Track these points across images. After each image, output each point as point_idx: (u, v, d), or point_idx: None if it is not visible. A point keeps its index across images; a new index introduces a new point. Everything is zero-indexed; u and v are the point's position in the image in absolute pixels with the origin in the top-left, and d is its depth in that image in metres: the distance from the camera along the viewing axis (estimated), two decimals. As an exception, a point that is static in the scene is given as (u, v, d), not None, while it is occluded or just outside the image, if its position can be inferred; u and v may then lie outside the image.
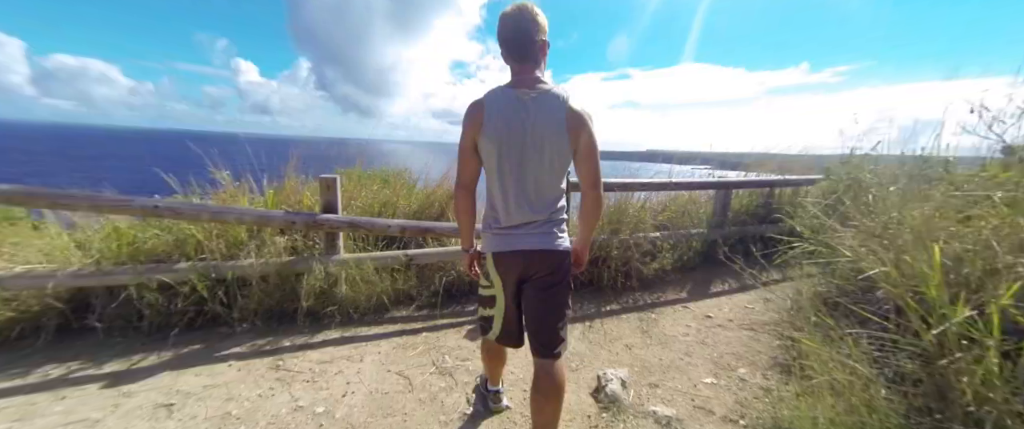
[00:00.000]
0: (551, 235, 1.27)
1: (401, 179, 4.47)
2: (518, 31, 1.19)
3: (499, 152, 1.21)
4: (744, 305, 3.02)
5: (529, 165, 1.21)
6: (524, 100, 1.18)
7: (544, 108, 1.18)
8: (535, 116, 1.18)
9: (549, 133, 1.18)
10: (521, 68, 1.22)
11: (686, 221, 3.83)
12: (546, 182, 1.24)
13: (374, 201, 3.48)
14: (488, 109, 1.21)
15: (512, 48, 1.21)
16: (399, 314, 2.71)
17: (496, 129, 1.19)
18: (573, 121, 1.18)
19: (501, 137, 1.20)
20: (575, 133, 1.19)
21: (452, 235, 2.84)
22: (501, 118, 1.19)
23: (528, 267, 1.27)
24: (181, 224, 2.33)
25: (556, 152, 1.20)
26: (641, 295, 3.19)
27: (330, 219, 2.49)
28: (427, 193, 3.65)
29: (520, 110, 1.18)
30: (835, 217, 2.59)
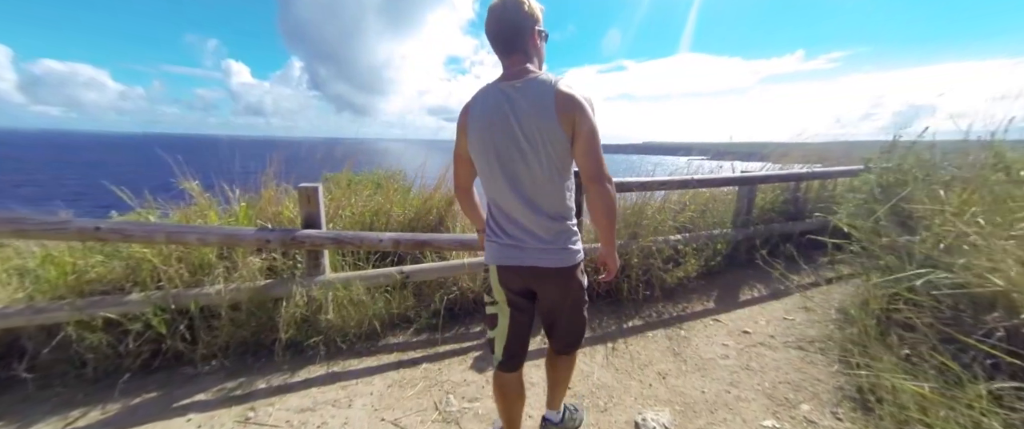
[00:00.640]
0: (564, 251, 1.15)
1: (394, 183, 4.12)
2: (502, 22, 1.09)
3: (487, 153, 1.12)
4: (782, 316, 2.69)
5: (522, 163, 1.10)
6: (507, 92, 1.09)
7: (529, 95, 1.07)
8: (520, 105, 1.07)
9: (538, 123, 1.06)
10: (510, 60, 1.12)
11: (708, 220, 3.49)
12: (545, 181, 1.11)
13: (365, 209, 3.14)
14: (472, 110, 1.14)
15: (498, 40, 1.11)
16: (395, 340, 2.37)
17: (480, 129, 1.11)
18: (564, 104, 1.05)
19: (486, 136, 1.11)
20: (567, 118, 1.05)
21: (452, 248, 2.50)
22: (484, 116, 1.11)
23: (538, 284, 1.19)
24: (132, 248, 1.98)
25: (550, 144, 1.07)
26: (665, 306, 2.86)
27: (311, 235, 2.14)
28: (423, 198, 3.30)
29: (503, 103, 1.09)
30: (891, 215, 2.26)
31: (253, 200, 2.70)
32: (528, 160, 1.09)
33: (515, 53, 1.11)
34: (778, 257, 3.60)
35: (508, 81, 1.10)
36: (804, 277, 3.40)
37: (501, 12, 1.09)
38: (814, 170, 3.78)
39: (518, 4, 1.08)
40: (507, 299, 1.21)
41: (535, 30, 1.12)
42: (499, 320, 1.26)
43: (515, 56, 1.12)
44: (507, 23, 1.09)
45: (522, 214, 1.13)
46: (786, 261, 3.57)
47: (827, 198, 4.00)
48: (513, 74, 1.11)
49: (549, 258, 1.13)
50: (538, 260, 1.13)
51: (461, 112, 1.19)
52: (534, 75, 1.10)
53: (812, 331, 2.42)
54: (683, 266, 3.02)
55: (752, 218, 3.63)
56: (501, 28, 1.10)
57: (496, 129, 1.09)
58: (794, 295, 3.03)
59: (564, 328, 1.28)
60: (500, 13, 1.09)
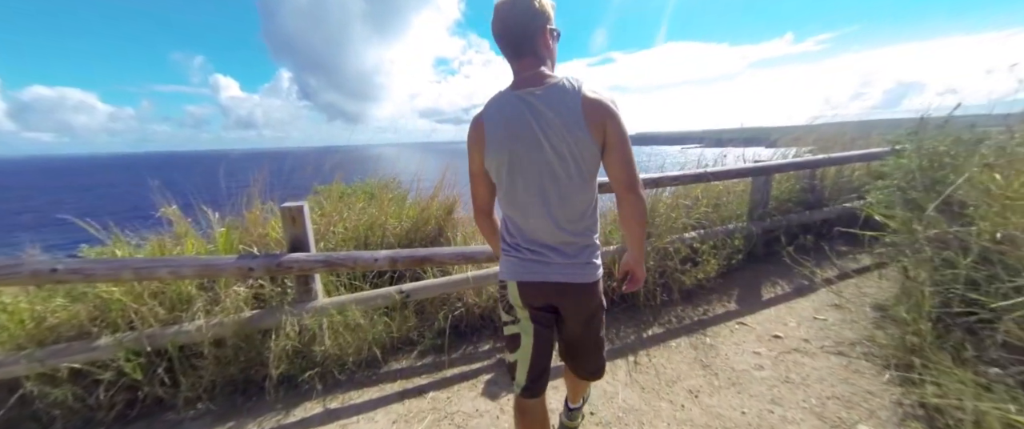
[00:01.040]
0: (588, 265, 1.09)
1: (389, 192, 3.92)
2: (509, 21, 1.00)
3: (509, 167, 1.03)
4: (812, 316, 2.50)
5: (549, 176, 1.02)
6: (528, 100, 1.00)
7: (554, 104, 0.99)
8: (545, 115, 0.99)
9: (566, 133, 0.98)
10: (520, 64, 1.03)
11: (723, 215, 3.30)
12: (573, 192, 1.04)
13: (359, 223, 2.94)
14: (488, 122, 1.04)
15: (506, 42, 1.02)
16: (397, 366, 2.18)
17: (500, 142, 1.02)
18: (592, 111, 0.98)
19: (508, 149, 1.02)
20: (598, 125, 0.99)
21: (454, 262, 2.30)
22: (504, 128, 1.02)
23: (560, 300, 1.11)
24: (99, 288, 1.78)
25: (579, 154, 1.00)
26: (684, 310, 2.67)
27: (299, 260, 1.94)
28: (420, 207, 3.10)
29: (525, 112, 1.00)
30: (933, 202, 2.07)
31: (236, 222, 2.49)
32: (556, 173, 1.01)
33: (526, 56, 1.02)
34: (798, 250, 3.42)
35: (525, 88, 1.01)
36: (827, 270, 3.21)
37: (508, 12, 1.00)
38: (832, 156, 3.58)
39: (527, 3, 0.98)
40: (531, 315, 1.13)
41: (546, 29, 1.02)
42: (522, 339, 1.15)
43: (526, 59, 1.03)
44: (515, 24, 1.00)
45: (547, 229, 1.06)
46: (806, 253, 3.41)
47: (845, 185, 3.81)
48: (529, 80, 1.02)
49: (574, 273, 1.08)
50: (563, 276, 1.07)
51: (472, 126, 1.09)
52: (555, 80, 1.01)
53: (849, 333, 2.23)
54: (702, 266, 2.84)
55: (769, 210, 3.44)
56: (508, 29, 1.01)
57: (520, 142, 1.01)
58: (820, 291, 2.84)
59: (590, 350, 1.23)
60: (507, 13, 1.00)
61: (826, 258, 3.37)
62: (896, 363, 1.80)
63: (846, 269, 3.20)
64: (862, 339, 2.13)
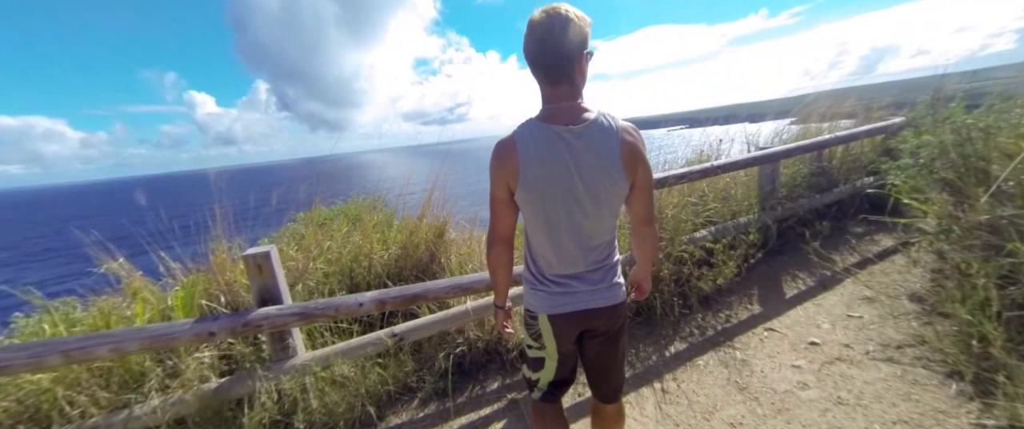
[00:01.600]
0: (614, 287, 1.11)
1: (374, 213, 3.64)
2: (545, 45, 0.93)
3: (544, 202, 1.02)
4: (844, 313, 2.30)
5: (580, 214, 1.02)
6: (567, 139, 0.96)
7: (594, 146, 0.97)
8: (585, 158, 0.97)
9: (605, 177, 0.98)
10: (555, 92, 0.99)
11: (733, 208, 3.09)
12: (600, 227, 1.05)
13: (342, 254, 2.66)
14: (523, 152, 0.99)
15: (541, 67, 0.97)
16: (397, 421, 1.91)
17: (537, 178, 0.98)
18: (629, 156, 0.98)
19: (542, 188, 0.99)
20: (631, 169, 1.00)
21: (451, 295, 2.04)
22: (542, 164, 0.98)
23: (590, 324, 1.12)
24: (21, 379, 1.48)
25: (613, 195, 1.02)
26: (705, 319, 2.45)
27: (270, 316, 1.66)
28: (408, 230, 2.82)
29: (564, 151, 0.97)
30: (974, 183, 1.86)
31: (200, 270, 2.20)
32: (586, 211, 1.01)
33: (561, 84, 0.97)
34: (814, 237, 3.24)
35: (564, 124, 0.96)
36: (846, 256, 3.03)
37: (545, 35, 0.92)
38: (838, 135, 3.40)
39: (566, 24, 0.91)
40: (558, 348, 1.15)
41: (583, 55, 0.96)
42: (546, 363, 1.18)
43: (561, 87, 0.98)
44: (553, 48, 0.93)
45: (573, 262, 1.07)
46: (823, 240, 3.22)
47: (853, 163, 3.64)
48: (564, 113, 0.98)
49: (601, 298, 1.09)
50: (591, 302, 1.08)
51: (501, 152, 1.01)
52: (592, 117, 0.97)
53: (893, 332, 2.03)
54: (719, 269, 2.62)
55: (779, 198, 3.24)
56: (546, 54, 0.94)
57: (555, 182, 0.98)
58: (846, 282, 2.65)
59: (614, 366, 1.21)
60: (544, 36, 0.92)
61: (844, 243, 3.20)
62: (960, 372, 1.59)
63: (867, 254, 3.02)
64: (910, 340, 1.93)
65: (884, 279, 2.58)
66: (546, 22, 0.91)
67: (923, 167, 2.25)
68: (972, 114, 2.23)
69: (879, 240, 3.20)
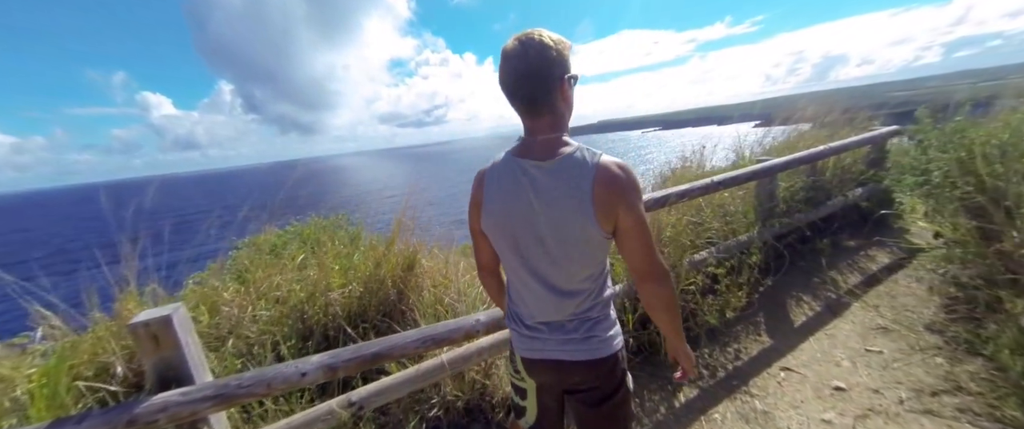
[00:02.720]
0: (592, 340, 0.95)
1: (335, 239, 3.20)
2: (520, 74, 0.84)
3: (504, 241, 0.94)
4: (862, 348, 2.10)
5: (548, 259, 0.91)
6: (532, 174, 0.88)
7: (561, 184, 0.85)
8: (548, 197, 0.86)
9: (572, 220, 0.85)
10: (535, 124, 0.89)
11: (731, 225, 2.88)
12: (576, 273, 0.91)
13: (291, 292, 2.24)
14: (489, 184, 0.94)
15: (518, 98, 0.88)
16: (356, 515, 1.52)
17: (497, 213, 0.92)
18: (605, 197, 0.83)
19: (502, 224, 0.92)
20: (607, 212, 0.84)
21: (422, 349, 1.67)
22: (503, 199, 0.91)
23: (566, 379, 1.00)
24: None
25: (584, 241, 0.87)
26: (714, 355, 2.20)
27: (170, 406, 1.23)
28: (375, 259, 2.42)
29: (526, 189, 0.88)
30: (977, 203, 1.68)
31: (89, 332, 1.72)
32: (553, 257, 0.90)
33: (542, 115, 0.88)
34: (813, 253, 3.07)
35: (533, 158, 0.88)
36: (846, 275, 2.88)
37: (519, 62, 0.84)
38: (832, 145, 3.26)
39: (541, 49, 0.82)
40: (537, 393, 1.10)
41: (564, 80, 0.86)
42: (528, 394, 1.12)
43: (543, 119, 0.88)
44: (528, 76, 0.84)
45: (544, 309, 0.95)
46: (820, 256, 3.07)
47: (843, 174, 3.52)
48: (540, 148, 0.89)
49: (572, 350, 0.96)
50: (561, 352, 0.97)
51: (475, 182, 0.98)
52: (568, 151, 0.87)
53: (923, 374, 1.82)
54: (725, 297, 2.37)
55: (777, 213, 3.06)
56: (520, 83, 0.85)
57: (516, 218, 0.90)
58: (853, 307, 2.47)
59: None
60: (518, 64, 0.84)
61: (842, 260, 3.05)
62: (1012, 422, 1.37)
63: (867, 271, 2.88)
64: (944, 384, 1.72)
65: (893, 304, 2.41)
66: (519, 50, 0.83)
67: (937, 187, 2.07)
68: (983, 129, 2.08)
69: (875, 256, 3.08)
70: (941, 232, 2.01)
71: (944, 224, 1.96)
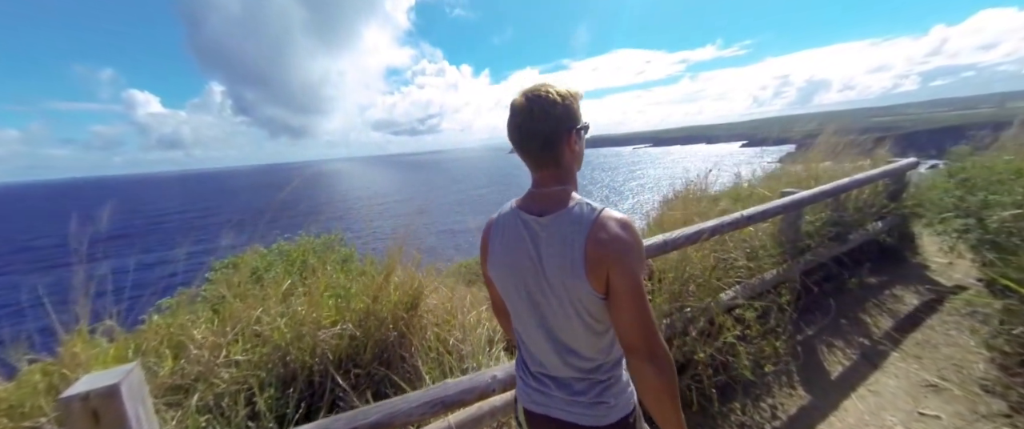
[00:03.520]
0: (600, 406, 0.89)
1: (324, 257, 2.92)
2: (525, 130, 0.85)
3: (509, 293, 0.93)
4: (914, 409, 1.90)
5: (552, 315, 0.88)
6: (533, 228, 0.87)
7: (556, 241, 0.83)
8: (546, 251, 0.85)
9: (563, 277, 0.82)
10: (541, 176, 0.89)
11: (759, 262, 2.69)
12: (579, 337, 0.88)
13: (275, 330, 1.94)
14: (494, 236, 0.95)
15: (523, 151, 0.88)
16: None
17: (502, 266, 0.92)
18: (596, 256, 0.79)
19: (506, 276, 0.92)
20: (598, 274, 0.80)
21: (430, 414, 1.40)
22: (506, 252, 0.91)
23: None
24: None
25: (580, 303, 0.84)
26: (748, 411, 1.98)
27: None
28: (372, 291, 2.14)
29: (528, 242, 0.87)
30: None
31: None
32: (556, 314, 0.87)
33: (547, 167, 0.88)
34: (839, 292, 2.91)
35: (534, 214, 0.87)
36: (875, 316, 2.70)
37: (524, 119, 0.84)
38: (856, 178, 3.13)
39: (547, 105, 0.82)
40: None
41: (572, 132, 0.86)
42: None
43: (546, 171, 0.88)
44: (534, 134, 0.84)
45: (551, 362, 0.92)
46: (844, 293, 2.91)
47: (866, 207, 3.39)
48: (542, 201, 0.88)
49: (579, 412, 0.90)
50: (566, 413, 0.91)
51: (484, 231, 0.99)
52: (569, 206, 0.84)
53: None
54: (757, 345, 2.16)
55: (801, 248, 2.89)
56: (526, 138, 0.86)
57: (518, 273, 0.89)
58: (892, 356, 2.29)
59: None
60: (523, 119, 0.84)
61: (868, 299, 2.89)
62: None
63: (898, 313, 2.71)
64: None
65: (936, 355, 2.23)
66: (525, 106, 0.83)
67: (992, 232, 1.91)
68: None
69: (902, 296, 2.92)
70: (997, 281, 1.83)
71: (1005, 274, 1.79)
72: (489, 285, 1.05)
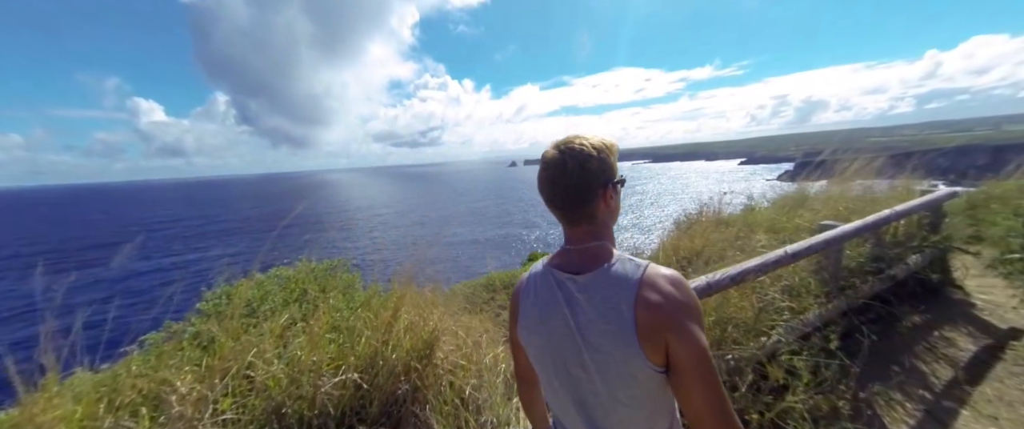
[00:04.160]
0: None
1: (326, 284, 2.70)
2: (558, 186, 0.77)
3: (543, 365, 0.84)
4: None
5: (592, 393, 0.77)
6: (567, 288, 0.78)
7: (597, 302, 0.74)
8: (585, 316, 0.75)
9: (613, 348, 0.71)
10: (573, 232, 0.81)
11: (801, 302, 2.47)
12: (623, 419, 0.77)
13: (271, 379, 1.71)
14: (524, 297, 0.86)
15: (555, 207, 0.81)
16: None
17: (534, 333, 0.83)
18: (650, 321, 0.69)
19: (540, 346, 0.82)
20: (655, 340, 0.68)
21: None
22: (540, 317, 0.81)
23: None
24: None
25: (629, 376, 0.72)
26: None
27: None
28: (380, 332, 1.92)
29: (563, 305, 0.78)
30: None
31: None
32: (597, 391, 0.76)
33: (580, 223, 0.80)
34: (886, 336, 2.67)
35: (568, 271, 0.79)
36: (930, 364, 2.47)
37: (557, 174, 0.77)
38: (897, 210, 2.93)
39: (582, 160, 0.75)
40: None
41: (609, 187, 0.79)
42: None
43: (580, 227, 0.80)
44: (567, 190, 0.77)
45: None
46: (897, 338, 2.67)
47: (906, 239, 3.19)
48: (577, 258, 0.79)
49: None
50: None
51: (513, 292, 0.91)
52: (610, 262, 0.76)
53: None
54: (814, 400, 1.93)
55: (842, 285, 2.67)
56: (558, 194, 0.78)
57: (552, 340, 0.79)
58: (963, 414, 2.05)
59: None
60: (556, 175, 0.77)
61: (918, 343, 2.65)
62: None
63: (957, 360, 2.48)
64: None
65: (1015, 415, 1.99)
66: (558, 160, 0.76)
67: None
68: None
69: (953, 339, 2.69)
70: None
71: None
72: (516, 350, 0.95)
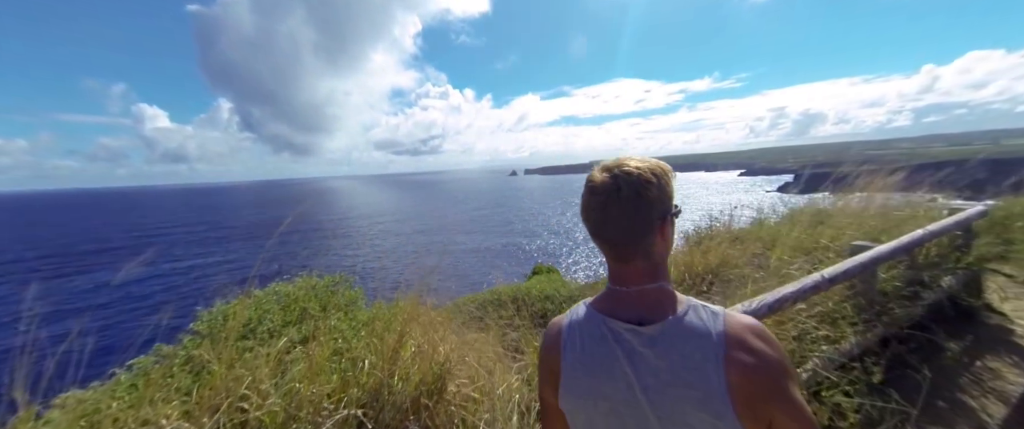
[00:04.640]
0: None
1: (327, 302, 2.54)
2: (609, 216, 0.65)
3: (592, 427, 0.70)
4: None
5: None
6: (630, 344, 0.65)
7: (673, 362, 0.62)
8: (655, 381, 0.62)
9: (690, 415, 0.60)
10: (623, 269, 0.68)
11: (839, 329, 2.30)
12: None
13: (266, 413, 1.55)
14: (568, 350, 0.70)
15: (603, 240, 0.69)
16: None
17: (580, 395, 0.68)
18: (747, 387, 0.58)
19: (592, 410, 0.67)
20: (754, 412, 0.58)
21: None
22: (590, 375, 0.67)
23: None
24: None
25: None
26: None
27: None
28: (384, 360, 1.76)
29: (623, 363, 0.64)
30: None
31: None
32: None
33: (634, 260, 0.67)
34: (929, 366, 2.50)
35: (625, 320, 0.66)
36: (977, 397, 2.29)
37: (609, 202, 0.65)
38: (930, 230, 2.78)
39: (640, 187, 0.64)
40: None
41: (667, 218, 0.67)
42: None
43: (633, 264, 0.67)
44: (619, 222, 0.65)
45: None
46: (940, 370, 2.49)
47: (941, 260, 3.04)
48: (634, 303, 0.67)
49: None
50: None
51: (546, 341, 0.75)
52: (680, 310, 0.65)
53: None
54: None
55: (879, 311, 2.51)
56: (608, 227, 0.66)
57: (611, 408, 0.65)
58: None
59: None
60: (607, 203, 0.65)
61: (958, 372, 2.47)
62: None
63: (1004, 394, 2.30)
64: None
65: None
66: (610, 186, 0.65)
67: None
68: None
69: (998, 370, 2.51)
70: None
71: None
72: (551, 419, 0.77)
